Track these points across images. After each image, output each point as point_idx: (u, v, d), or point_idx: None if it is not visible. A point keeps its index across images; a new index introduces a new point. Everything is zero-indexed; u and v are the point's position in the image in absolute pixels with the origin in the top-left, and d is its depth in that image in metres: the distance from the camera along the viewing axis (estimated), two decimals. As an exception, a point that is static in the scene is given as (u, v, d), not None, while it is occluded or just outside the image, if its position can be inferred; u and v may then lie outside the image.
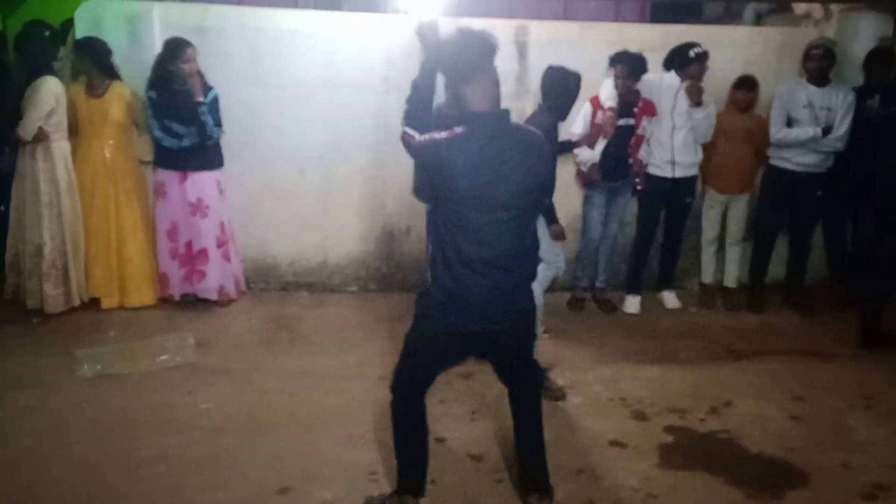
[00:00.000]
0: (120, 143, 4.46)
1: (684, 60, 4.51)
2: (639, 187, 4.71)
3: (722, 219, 4.96)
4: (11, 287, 4.38)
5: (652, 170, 4.71)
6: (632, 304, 4.85)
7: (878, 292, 4.27)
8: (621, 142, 4.50)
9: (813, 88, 4.55)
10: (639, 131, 4.56)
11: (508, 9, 6.04)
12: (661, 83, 4.59)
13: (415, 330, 2.57)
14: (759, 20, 5.94)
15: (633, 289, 4.89)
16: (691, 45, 4.51)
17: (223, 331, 4.30)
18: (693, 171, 4.74)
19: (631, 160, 4.61)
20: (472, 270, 2.37)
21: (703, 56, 4.49)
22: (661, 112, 4.60)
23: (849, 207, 4.85)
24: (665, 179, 4.68)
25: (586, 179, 4.62)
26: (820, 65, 4.52)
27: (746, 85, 4.69)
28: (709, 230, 4.99)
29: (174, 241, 4.52)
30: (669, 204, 4.80)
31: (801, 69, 4.70)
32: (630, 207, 4.88)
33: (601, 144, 4.45)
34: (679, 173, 4.66)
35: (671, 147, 4.61)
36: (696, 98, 4.47)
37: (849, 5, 4.98)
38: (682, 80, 4.54)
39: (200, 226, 4.47)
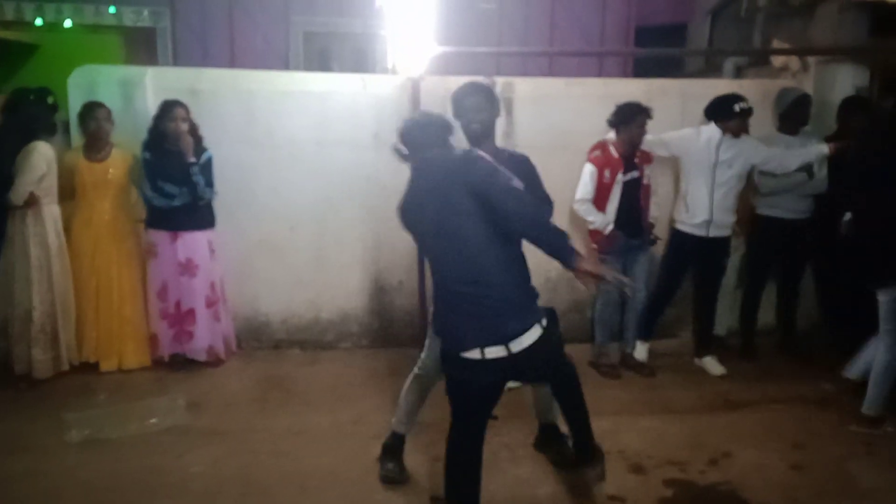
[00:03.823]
0: (122, 206, 4.51)
1: (728, 114, 4.29)
2: (652, 236, 4.54)
3: None
4: (-1, 352, 4.32)
5: (681, 226, 4.51)
6: (640, 350, 4.71)
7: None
8: (632, 196, 4.36)
9: (788, 137, 4.62)
10: (644, 181, 4.43)
11: (495, 66, 6.19)
12: (698, 136, 4.40)
13: None
14: (738, 73, 6.09)
15: (644, 335, 4.68)
16: (737, 99, 4.29)
17: (214, 391, 4.24)
18: (728, 232, 4.52)
19: (642, 220, 4.45)
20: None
21: (747, 112, 4.29)
22: (697, 167, 4.38)
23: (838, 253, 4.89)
24: (697, 238, 4.46)
25: (607, 246, 4.36)
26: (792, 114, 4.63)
27: None
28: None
29: (164, 302, 4.50)
30: (701, 264, 4.60)
31: (775, 118, 4.80)
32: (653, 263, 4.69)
33: (613, 204, 4.33)
34: (713, 233, 4.43)
35: (709, 206, 4.37)
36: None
37: (826, 57, 5.13)
38: (724, 132, 4.32)
39: (189, 285, 4.46)
